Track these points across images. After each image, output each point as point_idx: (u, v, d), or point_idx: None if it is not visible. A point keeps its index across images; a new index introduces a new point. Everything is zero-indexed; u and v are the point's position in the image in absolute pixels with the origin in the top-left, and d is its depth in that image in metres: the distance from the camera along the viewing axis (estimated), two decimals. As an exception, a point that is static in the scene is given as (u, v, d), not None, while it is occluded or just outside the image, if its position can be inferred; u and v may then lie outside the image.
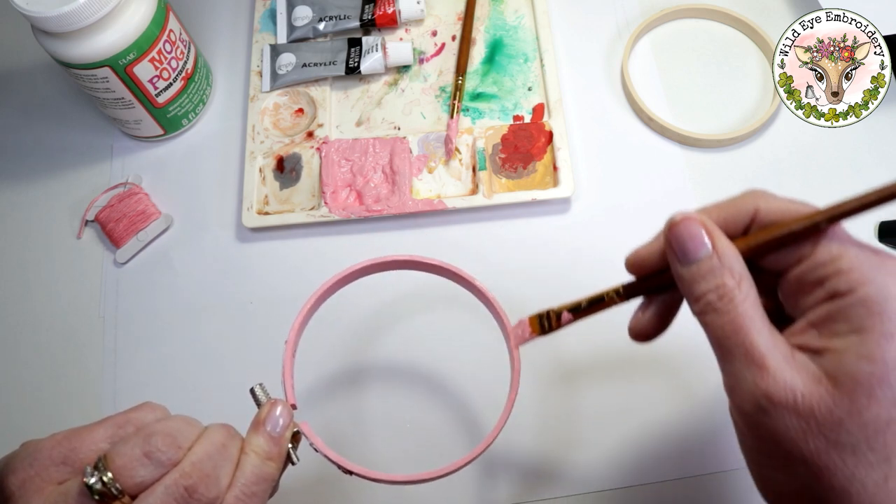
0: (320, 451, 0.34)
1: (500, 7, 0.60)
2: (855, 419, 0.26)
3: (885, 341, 0.25)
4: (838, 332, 0.27)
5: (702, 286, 0.28)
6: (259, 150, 0.55)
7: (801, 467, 0.27)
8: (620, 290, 0.32)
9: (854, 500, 0.26)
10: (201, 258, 0.53)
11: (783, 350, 0.27)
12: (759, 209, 0.29)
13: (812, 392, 0.26)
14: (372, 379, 0.49)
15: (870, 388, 0.25)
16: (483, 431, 0.47)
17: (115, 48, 0.48)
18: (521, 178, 0.53)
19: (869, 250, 0.27)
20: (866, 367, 0.25)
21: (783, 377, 0.26)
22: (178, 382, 0.50)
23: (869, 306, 0.26)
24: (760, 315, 0.28)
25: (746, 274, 0.28)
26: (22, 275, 0.54)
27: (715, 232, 0.29)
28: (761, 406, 0.27)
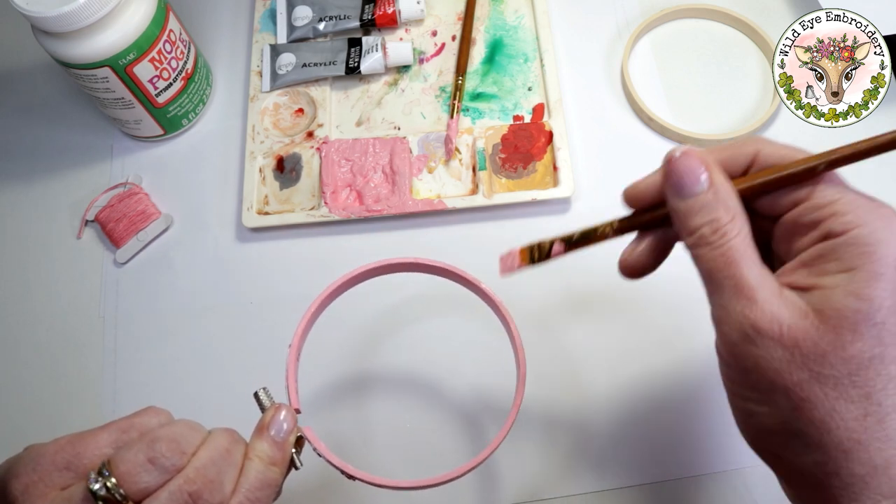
0: (324, 457, 0.34)
1: (500, 7, 0.60)
2: (839, 353, 0.26)
3: (874, 280, 0.26)
4: (828, 271, 0.27)
5: (696, 220, 0.29)
6: (259, 150, 0.55)
7: (782, 399, 0.27)
8: (615, 224, 0.33)
9: (833, 433, 0.26)
10: (201, 258, 0.53)
11: (772, 285, 0.28)
12: (760, 152, 0.30)
13: (798, 325, 0.27)
14: (375, 383, 0.49)
15: (855, 323, 0.26)
16: (487, 436, 0.46)
17: (115, 48, 0.48)
18: (521, 178, 0.53)
19: (865, 196, 0.28)
20: (853, 303, 0.26)
21: (770, 308, 0.27)
22: (177, 382, 0.50)
23: (860, 246, 0.27)
24: (752, 250, 0.28)
25: (741, 211, 0.29)
26: (22, 275, 0.54)
27: (713, 167, 0.29)
28: (748, 335, 0.27)
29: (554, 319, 0.49)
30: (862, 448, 0.26)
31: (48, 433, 0.49)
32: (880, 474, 0.26)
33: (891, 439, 0.26)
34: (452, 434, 0.47)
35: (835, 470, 0.27)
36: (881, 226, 0.27)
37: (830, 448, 0.27)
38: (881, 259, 0.26)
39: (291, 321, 0.51)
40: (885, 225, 0.27)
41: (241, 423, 0.32)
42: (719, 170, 0.29)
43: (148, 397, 0.49)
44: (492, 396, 0.47)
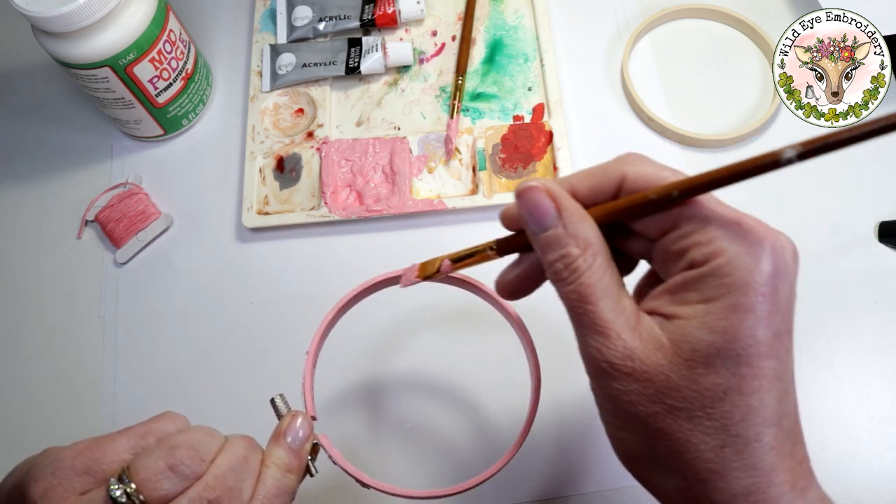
0: (339, 464, 0.34)
1: (500, 7, 0.60)
2: (691, 386, 0.26)
3: (730, 312, 0.26)
4: (688, 300, 0.27)
5: (550, 254, 0.29)
6: (259, 150, 0.55)
7: (641, 428, 0.27)
8: (493, 245, 0.33)
9: (689, 463, 0.26)
10: (201, 258, 0.53)
11: (628, 317, 0.28)
12: (627, 175, 0.29)
13: (650, 358, 0.27)
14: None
15: (708, 356, 0.26)
16: (502, 443, 0.46)
17: (115, 48, 0.48)
18: (521, 178, 0.53)
19: (733, 221, 0.27)
20: (707, 336, 0.26)
21: (623, 343, 0.27)
22: (177, 382, 0.50)
23: (720, 277, 0.26)
24: (607, 283, 0.28)
25: (595, 241, 0.28)
26: (22, 275, 0.54)
27: (561, 199, 0.29)
28: (604, 370, 0.27)
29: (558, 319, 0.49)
30: (720, 478, 0.26)
31: (48, 433, 0.49)
32: (740, 501, 0.26)
33: (751, 468, 0.26)
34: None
35: (694, 497, 0.27)
36: (744, 252, 0.26)
37: (688, 476, 0.27)
38: (741, 289, 0.26)
39: (291, 321, 0.51)
40: (749, 251, 0.26)
41: (241, 423, 0.32)
42: (569, 200, 0.29)
43: (148, 397, 0.49)
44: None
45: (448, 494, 0.34)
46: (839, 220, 0.51)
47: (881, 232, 0.50)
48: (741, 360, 0.26)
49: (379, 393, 0.48)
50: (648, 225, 0.29)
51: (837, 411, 0.46)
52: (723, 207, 0.28)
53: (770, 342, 0.26)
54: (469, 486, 0.34)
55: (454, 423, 0.47)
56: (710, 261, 0.27)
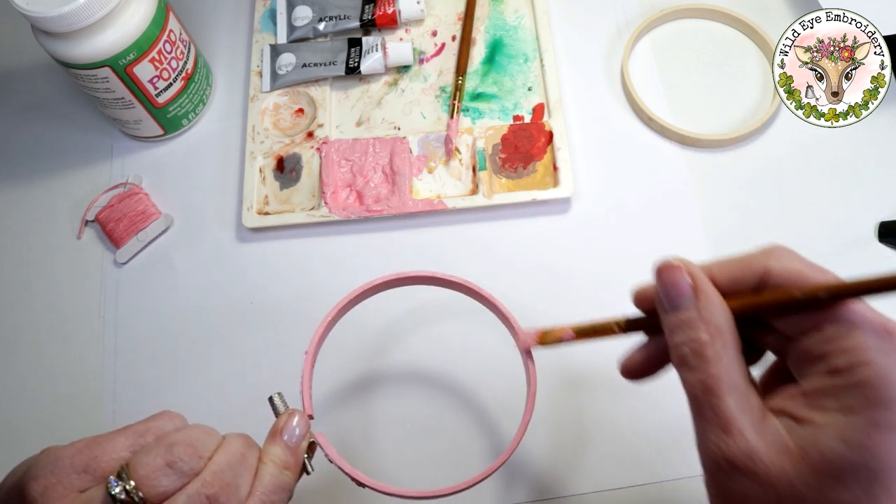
0: (335, 463, 0.34)
1: (500, 7, 0.60)
2: (818, 498, 0.24)
3: (871, 428, 0.24)
4: (825, 407, 0.25)
5: (678, 336, 0.28)
6: (259, 150, 0.55)
7: None
8: (622, 324, 0.32)
9: None
10: (201, 258, 0.53)
11: (754, 415, 0.26)
12: (772, 270, 0.28)
13: (775, 462, 0.25)
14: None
15: (841, 472, 0.24)
16: (498, 443, 0.46)
17: (115, 48, 0.48)
18: (521, 178, 0.53)
19: (884, 332, 0.26)
20: (843, 449, 0.24)
21: (746, 442, 0.25)
22: (177, 382, 0.50)
23: (862, 389, 0.25)
24: (735, 376, 0.27)
25: (729, 330, 0.27)
26: (22, 275, 0.54)
27: (700, 282, 0.28)
28: (722, 468, 0.26)
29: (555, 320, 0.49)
30: None
31: (48, 433, 0.49)
32: None
33: None
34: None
35: None
36: (892, 366, 0.25)
37: None
38: (885, 405, 0.24)
39: (291, 321, 0.51)
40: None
41: (241, 422, 0.32)
42: (708, 285, 0.28)
43: (148, 397, 0.49)
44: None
45: (444, 494, 0.34)
46: (839, 220, 0.51)
47: (881, 232, 0.50)
48: (876, 480, 0.24)
49: (375, 392, 0.48)
50: (788, 323, 0.28)
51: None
52: (873, 313, 0.26)
53: None
54: (465, 486, 0.34)
55: (451, 423, 0.47)
56: (855, 370, 0.25)
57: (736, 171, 0.53)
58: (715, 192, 0.53)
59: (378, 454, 0.47)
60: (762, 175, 0.53)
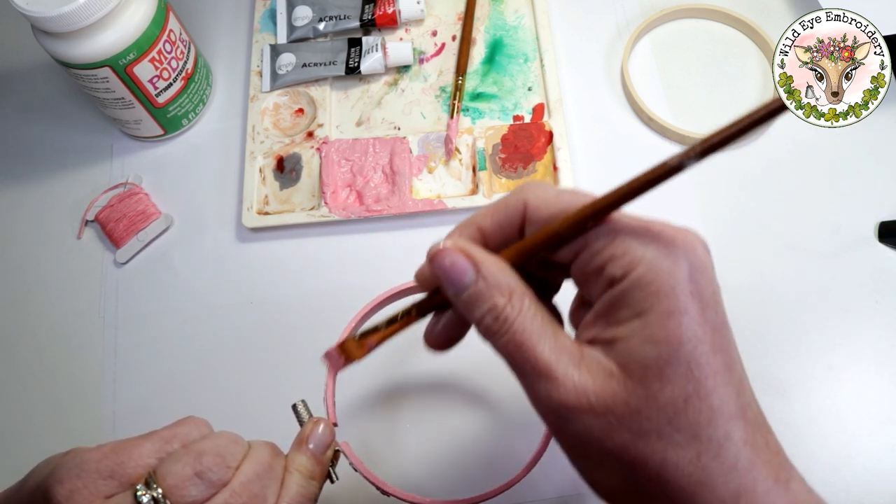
0: (360, 472, 0.34)
1: (500, 7, 0.60)
2: (652, 405, 0.25)
3: (666, 319, 0.25)
4: (621, 319, 0.26)
5: (475, 312, 0.28)
6: (259, 150, 0.55)
7: (615, 464, 0.26)
8: (412, 311, 0.31)
9: (672, 483, 0.25)
10: (201, 258, 0.53)
11: (571, 354, 0.27)
12: (528, 204, 0.28)
13: (604, 389, 0.26)
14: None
15: (658, 370, 0.25)
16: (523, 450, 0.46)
17: (115, 48, 0.48)
18: (521, 178, 0.53)
19: (641, 229, 0.27)
20: (651, 350, 0.25)
21: (573, 382, 0.26)
22: (177, 382, 0.50)
23: (644, 288, 0.25)
24: (539, 325, 0.27)
25: (518, 286, 0.28)
26: (22, 275, 0.54)
27: (475, 255, 0.28)
28: (560, 415, 0.26)
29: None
30: (706, 488, 0.25)
31: (48, 433, 0.49)
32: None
33: (732, 469, 0.25)
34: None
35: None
36: (660, 257, 0.26)
37: (675, 496, 0.26)
38: (668, 294, 0.25)
39: (291, 321, 0.51)
40: (665, 254, 0.26)
41: (240, 422, 0.32)
42: (482, 254, 0.28)
43: (148, 397, 0.49)
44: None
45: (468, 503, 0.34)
46: (839, 220, 0.51)
47: (881, 232, 0.50)
48: (691, 363, 0.25)
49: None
50: (562, 254, 0.28)
51: (837, 411, 0.46)
52: (627, 217, 0.27)
53: (711, 338, 0.25)
54: (489, 495, 0.34)
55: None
56: (630, 273, 0.26)
57: (736, 171, 0.53)
58: (715, 192, 0.53)
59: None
60: (762, 175, 0.53)
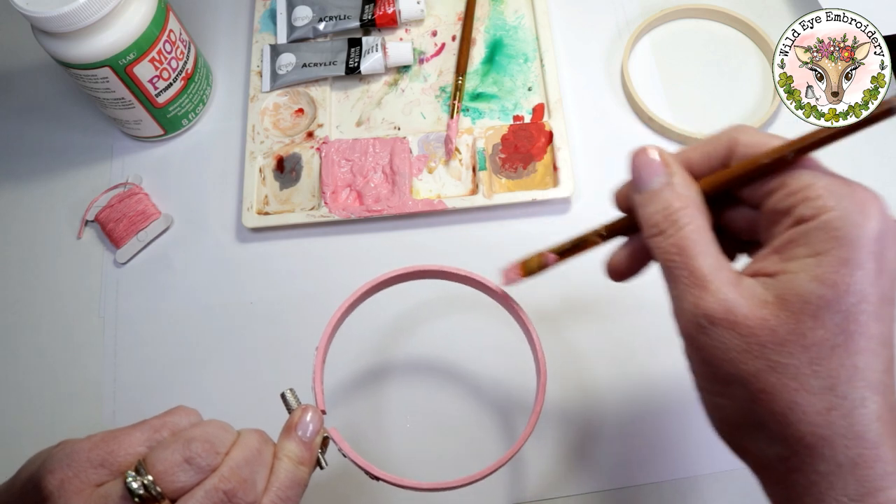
0: (349, 457, 0.34)
1: (500, 7, 0.60)
2: (798, 340, 0.25)
3: (841, 266, 0.25)
4: (796, 256, 0.26)
5: (650, 208, 0.29)
6: (259, 150, 0.55)
7: (741, 391, 0.26)
8: (603, 232, 0.33)
9: (794, 427, 0.25)
10: (201, 258, 0.53)
11: (728, 274, 0.27)
12: (738, 142, 0.29)
13: (754, 312, 0.26)
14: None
15: (817, 309, 0.25)
16: (508, 434, 0.46)
17: (115, 48, 0.48)
18: (521, 178, 0.53)
19: (840, 180, 0.27)
20: (816, 288, 0.25)
21: (724, 296, 0.26)
22: (177, 382, 0.50)
23: (829, 230, 0.26)
24: (707, 240, 0.28)
25: (697, 201, 0.28)
26: (22, 275, 0.54)
27: (670, 161, 0.29)
28: (701, 325, 0.26)
29: (559, 321, 0.49)
30: (826, 444, 0.25)
31: (48, 433, 0.49)
32: (846, 474, 0.25)
33: (859, 437, 0.25)
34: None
35: (798, 466, 0.26)
36: (853, 209, 0.26)
37: (792, 442, 0.25)
38: (852, 243, 0.25)
39: (291, 321, 0.51)
40: (859, 208, 0.26)
41: (240, 422, 0.32)
42: (676, 163, 0.29)
43: (148, 397, 0.49)
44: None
45: (456, 486, 0.34)
46: (839, 220, 0.51)
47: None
48: (850, 316, 0.25)
49: (385, 386, 0.48)
50: (756, 191, 0.29)
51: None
52: (826, 168, 0.28)
53: (878, 303, 0.25)
54: (476, 477, 0.34)
55: (461, 415, 0.47)
56: (820, 215, 0.26)
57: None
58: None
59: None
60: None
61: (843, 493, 0.25)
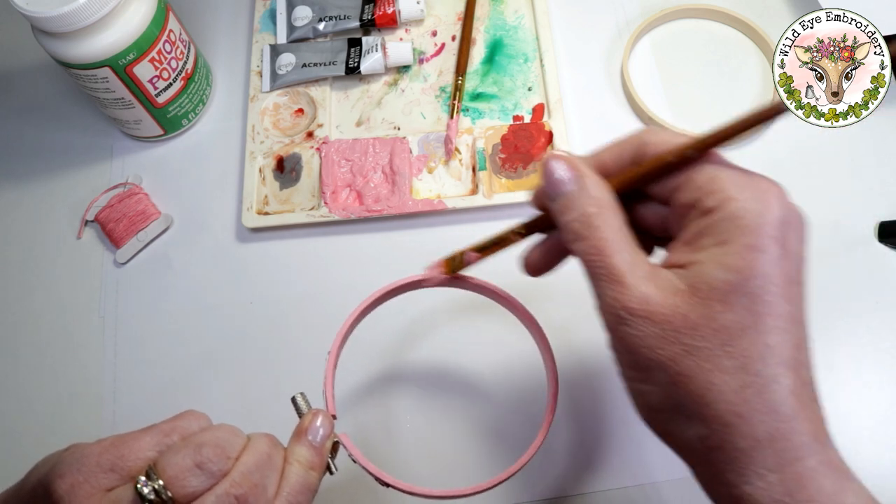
0: (359, 463, 0.34)
1: (500, 7, 0.60)
2: (709, 324, 0.26)
3: (746, 251, 0.26)
4: (704, 246, 0.28)
5: (567, 215, 0.30)
6: (259, 150, 0.55)
7: (661, 375, 0.27)
8: (521, 230, 0.34)
9: (711, 406, 0.26)
10: (201, 258, 0.53)
11: (643, 269, 0.28)
12: (647, 143, 0.31)
13: (667, 301, 0.27)
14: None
15: (725, 294, 0.26)
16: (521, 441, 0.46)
17: (115, 48, 0.48)
18: (521, 178, 0.53)
19: (742, 172, 0.29)
20: (723, 274, 0.26)
21: (639, 289, 0.28)
22: (177, 382, 0.50)
23: (732, 220, 0.27)
24: (621, 238, 0.29)
25: (610, 202, 0.30)
26: (22, 275, 0.54)
27: (580, 168, 0.30)
28: (621, 317, 0.28)
29: (569, 324, 0.49)
30: (743, 421, 0.26)
31: (48, 433, 0.49)
32: (764, 448, 0.26)
33: (773, 412, 0.26)
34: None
35: (718, 444, 0.27)
36: (754, 197, 0.27)
37: (711, 421, 0.27)
38: (754, 230, 0.27)
39: (291, 321, 0.51)
40: (759, 196, 0.27)
41: (241, 422, 0.32)
42: (586, 167, 0.30)
43: (148, 397, 0.49)
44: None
45: (467, 494, 0.34)
46: (839, 220, 0.51)
47: (881, 232, 0.50)
48: (756, 298, 0.26)
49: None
50: (664, 187, 0.30)
51: (837, 411, 0.46)
52: (728, 162, 0.29)
53: (783, 284, 0.27)
54: (487, 486, 0.34)
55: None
56: (724, 206, 0.27)
57: (736, 171, 0.53)
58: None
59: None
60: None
61: (763, 467, 0.26)
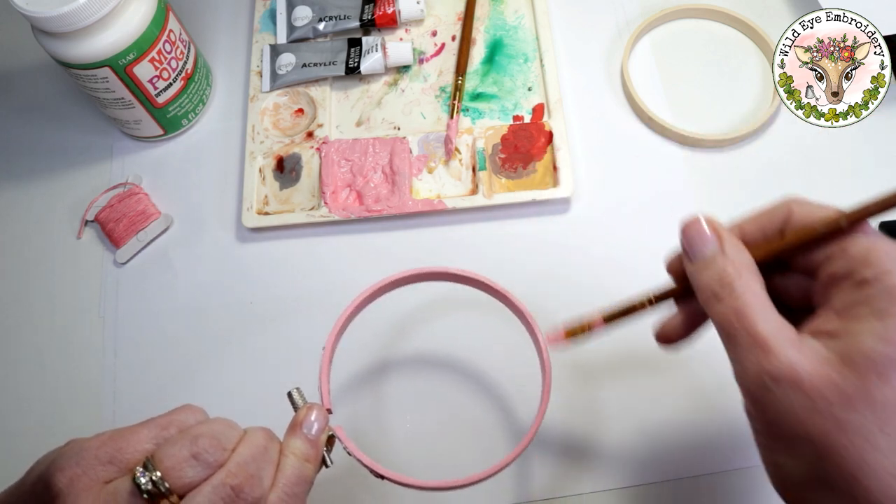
0: (354, 455, 0.35)
1: (500, 7, 0.60)
2: (865, 398, 0.25)
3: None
4: (859, 316, 0.26)
5: (704, 275, 0.29)
6: (259, 150, 0.55)
7: (808, 449, 0.26)
8: (652, 298, 0.34)
9: (863, 486, 0.25)
10: (201, 258, 0.53)
11: (788, 334, 0.27)
12: (792, 213, 0.30)
13: (818, 371, 0.26)
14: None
15: (883, 367, 0.25)
16: (514, 434, 0.46)
17: (115, 48, 0.48)
18: (521, 178, 0.53)
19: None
20: (882, 347, 0.25)
21: (787, 355, 0.26)
22: (177, 382, 0.50)
23: (893, 293, 0.26)
24: (763, 302, 0.28)
25: (751, 265, 0.29)
26: (22, 275, 0.54)
27: (721, 230, 0.30)
28: (765, 385, 0.27)
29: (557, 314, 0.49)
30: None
31: (48, 433, 0.49)
32: None
33: None
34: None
35: None
36: None
37: (861, 501, 0.25)
38: None
39: (291, 321, 0.51)
40: None
41: (241, 422, 0.32)
42: (727, 232, 0.30)
43: (148, 397, 0.49)
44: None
45: (462, 486, 0.35)
46: (839, 220, 0.51)
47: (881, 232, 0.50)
48: None
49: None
50: (810, 259, 0.30)
51: None
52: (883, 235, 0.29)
53: None
54: (482, 476, 0.35)
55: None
56: (882, 278, 0.26)
57: (736, 171, 0.53)
58: (715, 192, 0.53)
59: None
60: (762, 175, 0.53)
61: None
